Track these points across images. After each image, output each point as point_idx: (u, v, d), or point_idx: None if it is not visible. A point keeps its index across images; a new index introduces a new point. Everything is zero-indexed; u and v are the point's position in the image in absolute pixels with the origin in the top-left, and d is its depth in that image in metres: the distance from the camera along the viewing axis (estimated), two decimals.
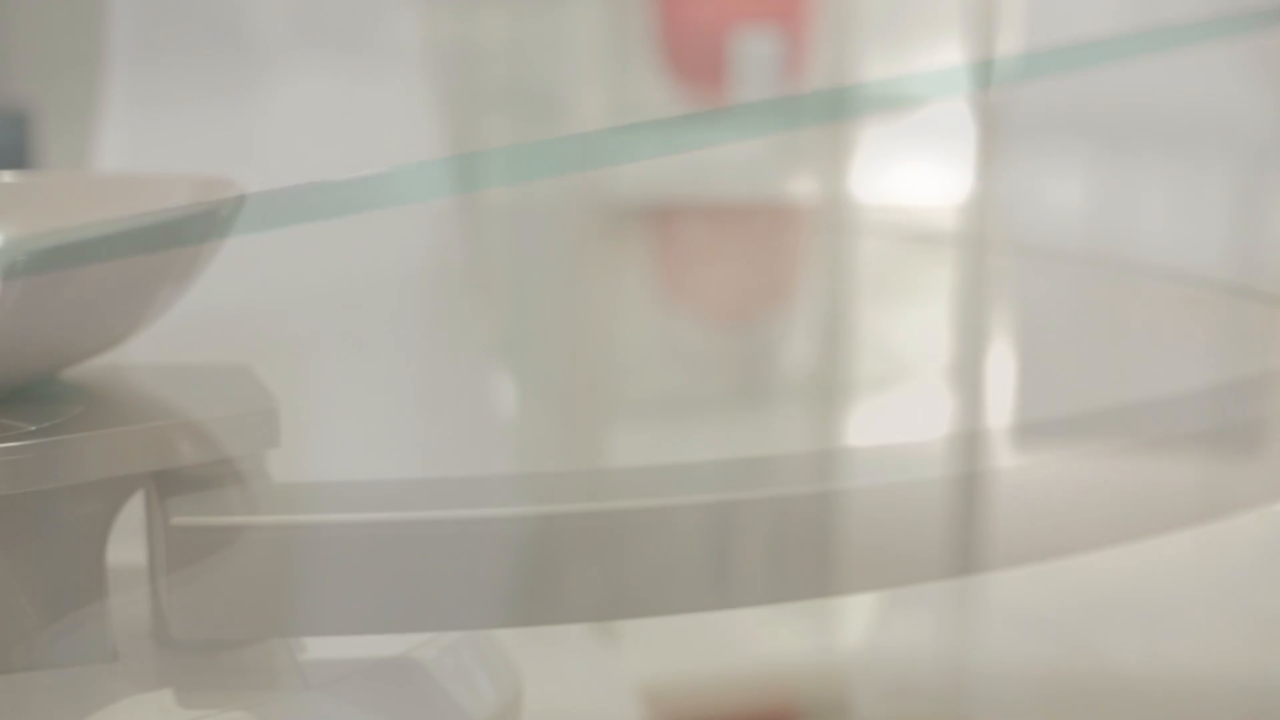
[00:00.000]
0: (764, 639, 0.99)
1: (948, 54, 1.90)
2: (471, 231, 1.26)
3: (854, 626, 1.00)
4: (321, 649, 0.49)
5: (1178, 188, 1.30)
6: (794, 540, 0.46)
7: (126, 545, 0.49)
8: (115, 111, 1.21)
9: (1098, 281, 0.92)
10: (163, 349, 0.54)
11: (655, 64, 1.74)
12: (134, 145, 1.20)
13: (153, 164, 1.19)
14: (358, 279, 0.90)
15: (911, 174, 1.89)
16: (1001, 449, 0.53)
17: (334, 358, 0.76)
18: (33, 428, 0.45)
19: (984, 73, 1.11)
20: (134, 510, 0.49)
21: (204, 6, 1.24)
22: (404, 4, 1.52)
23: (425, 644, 0.50)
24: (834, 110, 1.85)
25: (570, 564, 0.44)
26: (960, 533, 0.45)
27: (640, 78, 1.75)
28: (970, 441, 0.52)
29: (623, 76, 1.75)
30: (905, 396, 1.06)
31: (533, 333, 1.22)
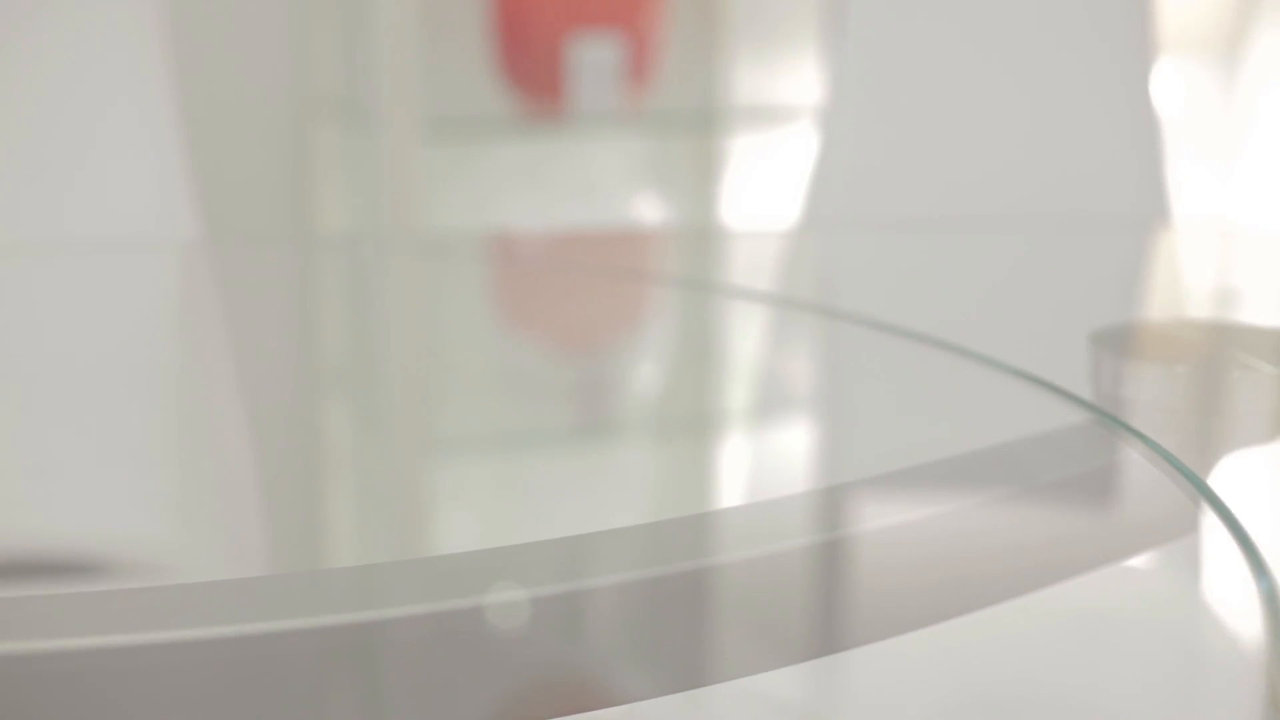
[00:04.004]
0: None
1: (811, 58, 1.80)
2: (301, 262, 1.13)
3: None
4: None
5: None
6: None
7: None
8: None
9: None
10: None
11: (491, 70, 1.62)
12: None
13: None
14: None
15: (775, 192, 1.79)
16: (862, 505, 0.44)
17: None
18: None
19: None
20: None
21: None
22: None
23: None
24: (686, 123, 1.74)
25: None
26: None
27: (470, 85, 1.63)
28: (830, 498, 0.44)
29: (447, 83, 1.62)
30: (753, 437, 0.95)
31: (360, 364, 1.09)
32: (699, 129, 1.75)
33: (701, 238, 1.46)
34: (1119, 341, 0.57)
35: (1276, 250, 1.00)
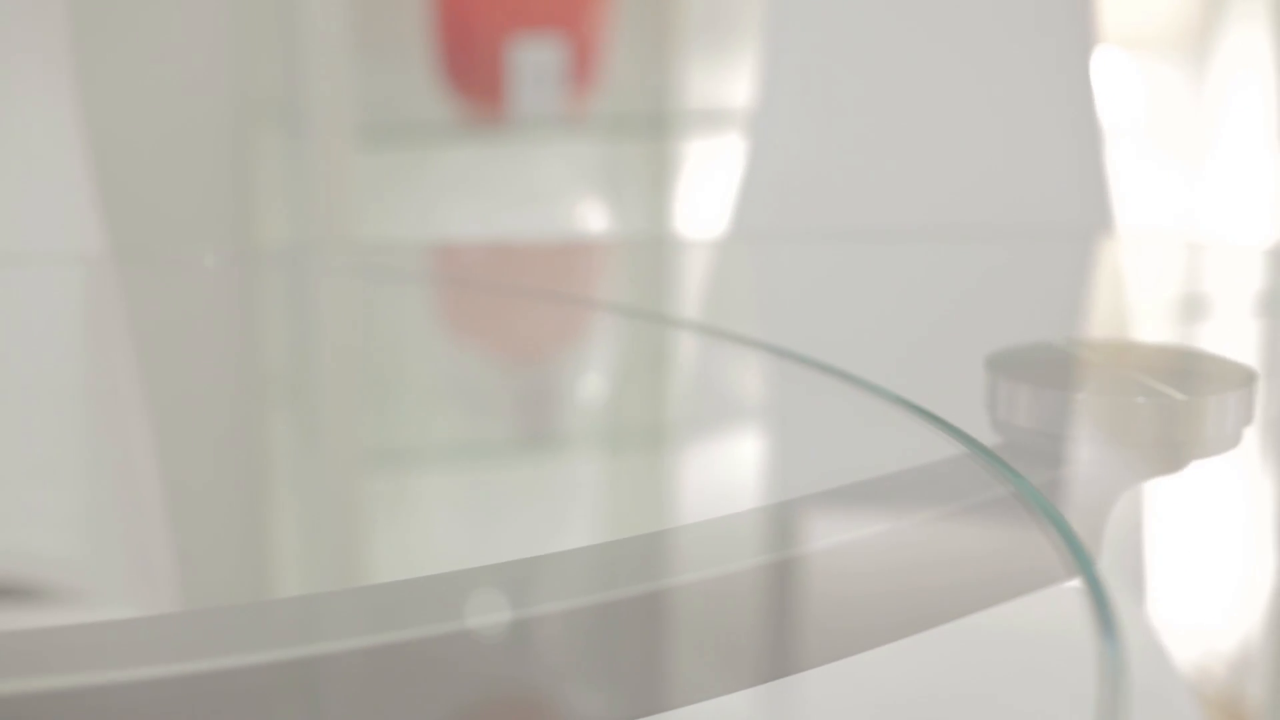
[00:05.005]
0: None
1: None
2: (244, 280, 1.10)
3: None
4: None
5: None
6: None
7: None
8: None
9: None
10: None
11: (432, 74, 1.57)
12: None
13: None
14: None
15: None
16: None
17: None
18: None
19: None
20: None
21: None
22: None
23: None
24: (636, 127, 1.70)
25: None
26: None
27: (410, 89, 1.58)
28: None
29: (386, 87, 1.58)
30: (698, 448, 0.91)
31: (294, 378, 1.06)
32: (650, 133, 1.71)
33: (638, 249, 1.43)
34: (1019, 364, 0.53)
35: (1218, 263, 0.97)
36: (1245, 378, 0.52)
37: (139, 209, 1.52)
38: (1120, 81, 2.04)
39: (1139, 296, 0.85)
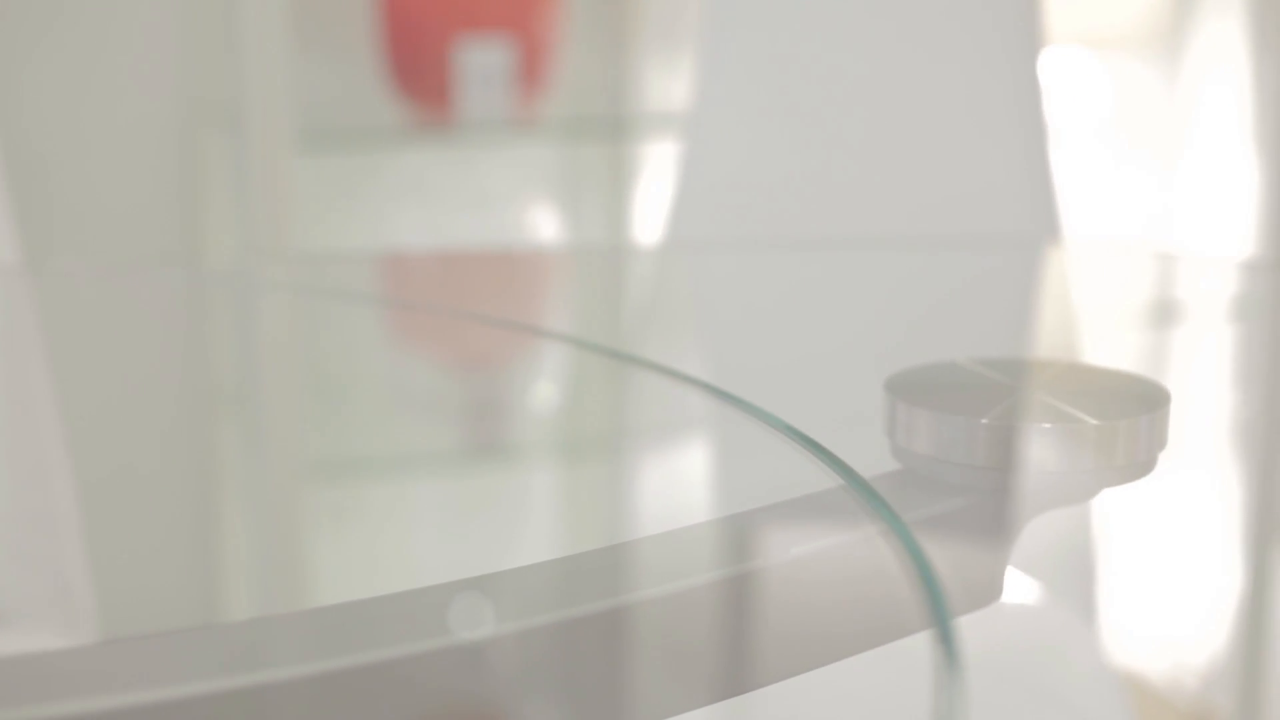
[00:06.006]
0: None
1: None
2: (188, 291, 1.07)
3: None
4: None
5: None
6: None
7: None
8: None
9: None
10: None
11: (379, 77, 1.54)
12: None
13: None
14: None
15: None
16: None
17: None
18: None
19: None
20: None
21: None
22: None
23: None
24: (591, 130, 1.67)
25: None
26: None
27: (356, 92, 1.55)
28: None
29: (330, 90, 1.55)
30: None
31: (243, 389, 1.03)
32: (608, 136, 1.68)
33: (576, 259, 1.40)
34: (919, 387, 0.50)
35: (1163, 274, 0.94)
36: (1160, 399, 0.49)
37: (84, 213, 1.49)
38: (1087, 80, 2.01)
39: (1076, 310, 0.82)
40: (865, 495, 0.41)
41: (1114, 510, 0.61)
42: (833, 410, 0.52)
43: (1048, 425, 0.48)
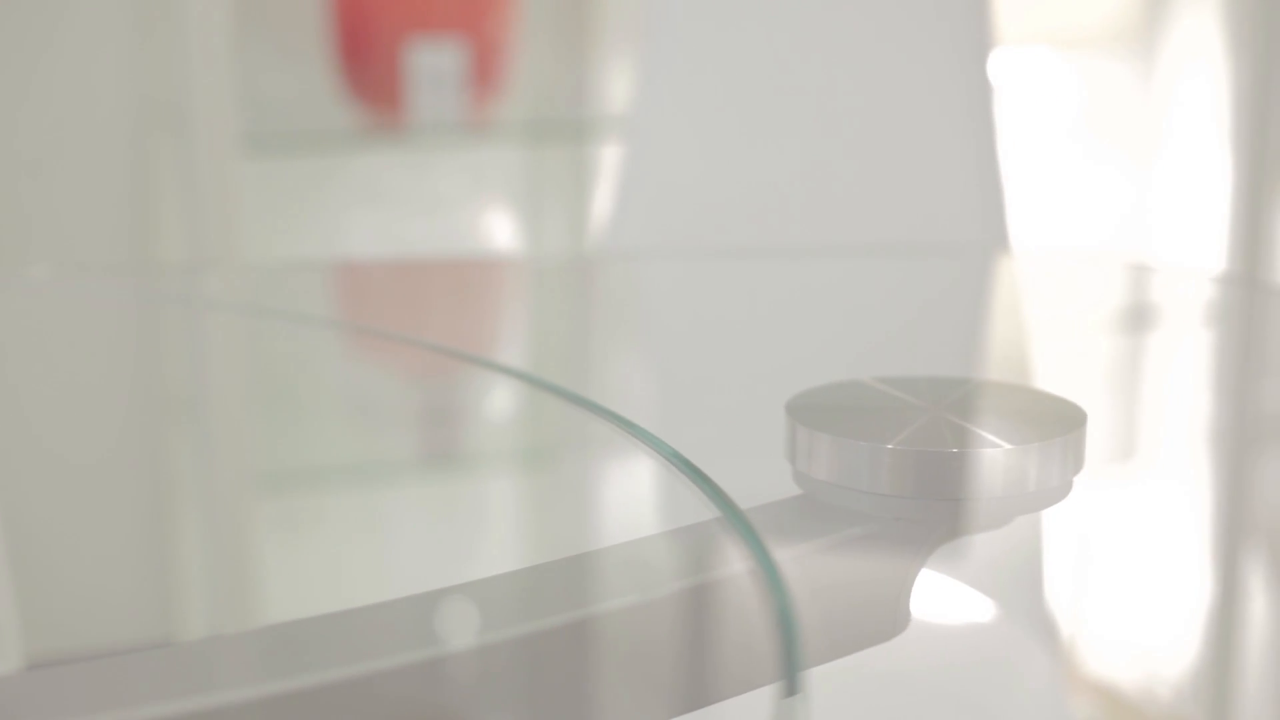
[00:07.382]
0: None
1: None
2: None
3: None
4: None
5: None
6: None
7: None
8: None
9: None
10: None
11: (330, 79, 1.51)
12: None
13: None
14: None
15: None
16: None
17: None
18: None
19: None
20: None
21: None
22: None
23: None
24: (548, 134, 1.64)
25: None
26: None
27: (306, 95, 1.52)
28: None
29: (279, 93, 1.52)
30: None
31: (193, 399, 1.01)
32: (566, 139, 1.65)
33: (517, 267, 1.38)
34: (820, 409, 0.47)
35: (1116, 283, 0.91)
36: (1076, 420, 0.46)
37: (34, 217, 1.46)
38: (1059, 80, 1.99)
39: (1019, 322, 0.79)
40: (741, 530, 0.38)
41: (1084, 518, 0.59)
42: (736, 433, 0.49)
43: (955, 450, 0.45)
